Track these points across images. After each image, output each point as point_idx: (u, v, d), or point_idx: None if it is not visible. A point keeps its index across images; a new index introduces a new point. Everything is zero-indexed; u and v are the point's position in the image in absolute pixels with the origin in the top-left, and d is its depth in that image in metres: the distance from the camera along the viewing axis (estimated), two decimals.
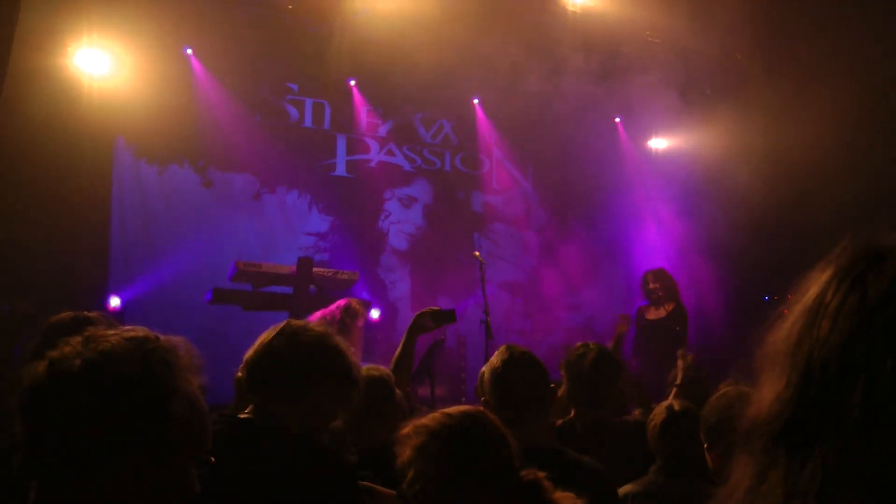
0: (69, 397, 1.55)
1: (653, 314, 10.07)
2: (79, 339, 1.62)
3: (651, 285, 10.14)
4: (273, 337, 2.94)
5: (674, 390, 5.63)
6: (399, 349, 5.31)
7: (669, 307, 10.02)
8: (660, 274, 10.23)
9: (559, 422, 4.54)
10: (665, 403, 4.21)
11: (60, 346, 1.62)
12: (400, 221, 13.40)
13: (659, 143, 14.00)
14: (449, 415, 2.59)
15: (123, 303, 10.54)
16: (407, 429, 2.58)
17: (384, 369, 4.27)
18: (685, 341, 9.55)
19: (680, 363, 5.83)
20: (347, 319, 7.28)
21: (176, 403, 1.63)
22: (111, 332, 1.67)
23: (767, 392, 1.11)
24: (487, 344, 7.19)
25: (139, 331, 1.71)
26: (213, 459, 1.77)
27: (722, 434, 3.56)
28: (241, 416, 2.84)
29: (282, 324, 3.00)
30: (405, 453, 2.53)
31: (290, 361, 2.86)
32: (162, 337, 1.72)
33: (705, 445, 3.69)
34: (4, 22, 7.14)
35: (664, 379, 8.74)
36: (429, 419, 2.59)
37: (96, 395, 1.55)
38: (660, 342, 9.40)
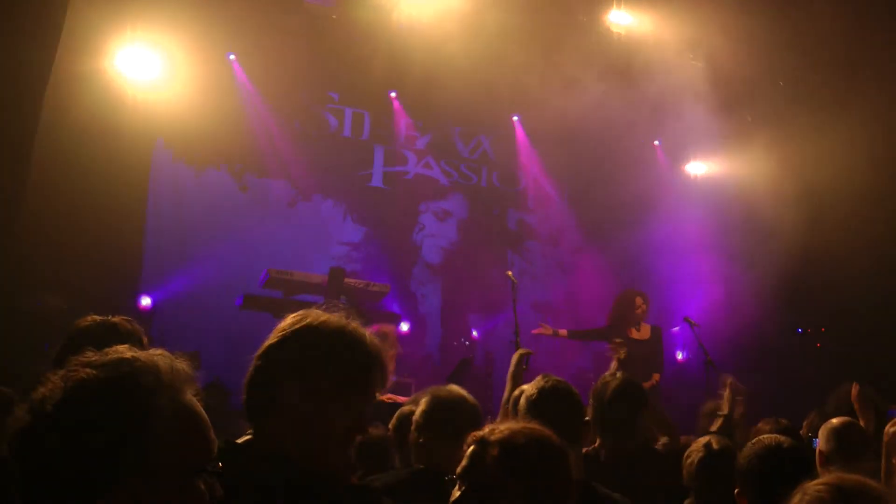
0: (47, 439, 1.57)
1: (636, 334, 10.00)
2: (61, 373, 1.63)
3: (640, 308, 10.09)
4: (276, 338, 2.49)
5: (720, 420, 5.54)
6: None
7: (649, 328, 9.97)
8: (646, 297, 10.20)
9: (585, 450, 4.49)
10: (703, 440, 4.13)
11: (42, 385, 1.63)
12: (434, 235, 13.38)
13: (697, 168, 13.89)
14: (512, 429, 2.55)
15: (154, 303, 10.60)
16: (469, 440, 2.56)
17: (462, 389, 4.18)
18: (662, 362, 9.64)
19: (726, 393, 5.72)
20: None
21: (160, 423, 1.61)
22: (92, 357, 1.66)
23: None
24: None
25: (119, 353, 1.68)
26: (220, 465, 1.75)
27: (754, 482, 3.49)
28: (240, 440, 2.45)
29: (291, 317, 2.53)
30: (462, 463, 2.52)
31: (296, 368, 2.40)
32: (141, 356, 1.68)
33: (736, 490, 3.60)
34: (51, 26, 7.20)
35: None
36: (490, 431, 2.55)
37: (71, 434, 1.56)
38: (640, 362, 9.30)
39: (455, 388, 4.11)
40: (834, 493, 2.14)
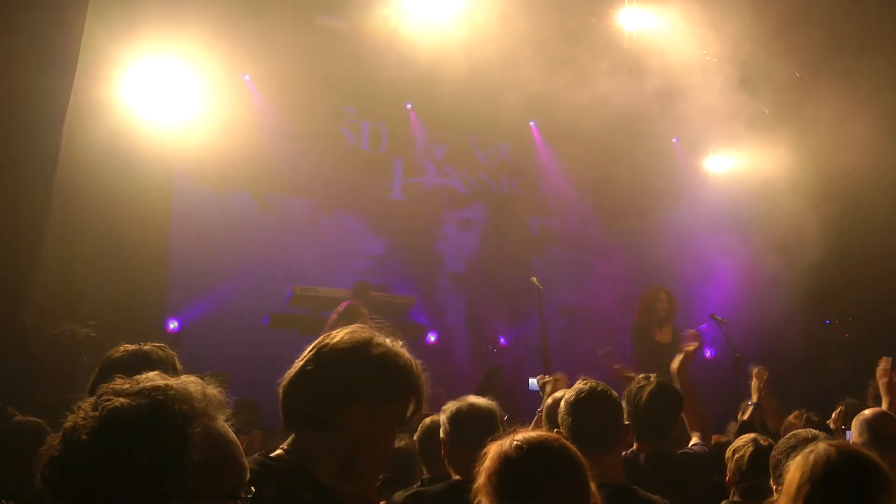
0: (82, 469, 1.56)
1: (660, 336, 9.91)
2: (91, 401, 1.63)
3: (662, 304, 10.01)
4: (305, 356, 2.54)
5: (749, 409, 5.54)
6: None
7: (673, 328, 9.89)
8: (670, 293, 10.11)
9: (624, 453, 4.48)
10: (749, 436, 4.13)
11: (74, 413, 1.62)
12: (457, 245, 13.36)
13: (716, 164, 13.81)
14: (529, 440, 2.54)
15: (181, 326, 10.62)
16: (486, 450, 2.56)
17: (486, 400, 4.24)
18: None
19: (754, 383, 5.72)
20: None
21: (193, 451, 1.60)
22: (124, 385, 1.65)
23: None
24: (545, 370, 7.08)
25: (151, 381, 1.67)
26: (251, 494, 1.74)
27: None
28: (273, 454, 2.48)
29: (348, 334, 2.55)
30: (481, 476, 2.51)
31: (319, 381, 2.43)
32: (174, 383, 1.67)
33: (774, 487, 3.60)
34: (67, 54, 7.24)
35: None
36: (507, 443, 2.55)
37: (106, 464, 1.55)
38: (664, 364, 9.17)
39: (473, 398, 4.16)
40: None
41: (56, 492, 1.57)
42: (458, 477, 3.89)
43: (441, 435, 4.10)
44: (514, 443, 2.53)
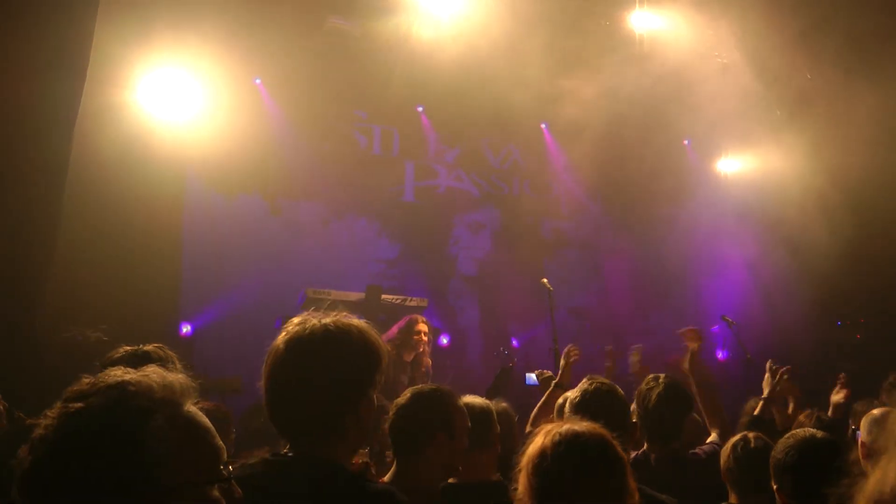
0: (48, 478, 1.57)
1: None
2: (56, 409, 1.64)
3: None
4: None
5: (760, 403, 5.51)
6: None
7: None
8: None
9: (633, 454, 4.46)
10: (739, 436, 4.11)
11: (42, 421, 1.63)
12: (469, 247, 13.35)
13: (728, 165, 13.77)
14: (568, 433, 2.53)
15: (194, 329, 10.64)
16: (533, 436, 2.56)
17: (481, 398, 4.24)
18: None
19: (767, 376, 5.69)
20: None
21: (156, 443, 1.61)
22: (84, 386, 1.67)
23: (892, 473, 1.05)
24: (556, 371, 7.06)
25: (112, 377, 1.69)
26: (231, 468, 1.77)
27: (789, 476, 3.54)
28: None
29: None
30: (522, 462, 2.52)
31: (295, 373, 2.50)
32: (133, 378, 1.68)
33: (774, 486, 3.59)
34: (77, 58, 7.26)
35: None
36: (548, 431, 2.55)
37: (70, 470, 1.56)
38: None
39: (469, 397, 4.11)
40: None
41: (27, 502, 1.58)
42: (452, 480, 3.87)
43: None
44: (553, 435, 2.52)
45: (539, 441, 2.53)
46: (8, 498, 1.63)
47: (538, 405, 5.48)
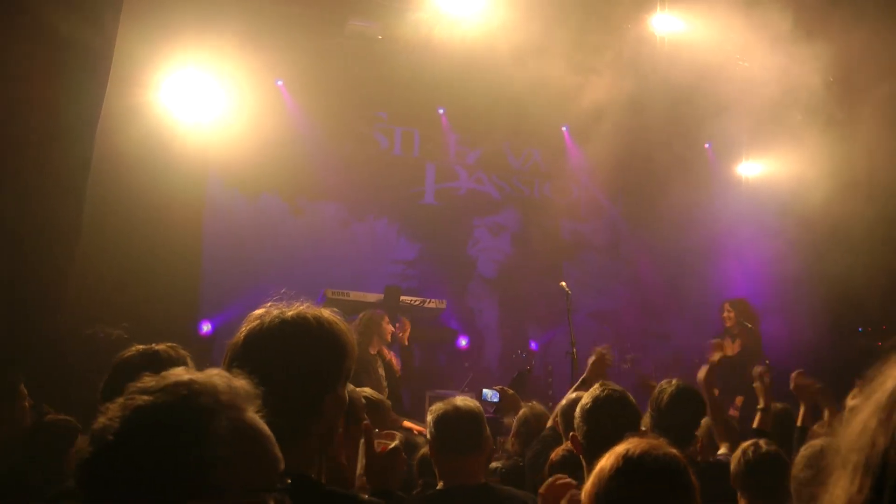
0: (109, 469, 1.56)
1: (729, 348, 9.82)
2: (119, 402, 1.62)
3: (724, 314, 9.94)
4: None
5: (759, 415, 5.48)
6: None
7: (744, 340, 9.79)
8: (735, 303, 10.00)
9: None
10: (749, 443, 4.09)
11: (101, 414, 1.61)
12: (488, 249, 13.36)
13: (749, 169, 13.71)
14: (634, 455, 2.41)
15: (214, 328, 10.69)
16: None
17: (473, 401, 4.09)
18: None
19: (757, 385, 5.66)
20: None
21: (219, 445, 1.59)
22: (150, 382, 1.64)
23: (839, 494, 1.03)
24: (574, 375, 7.07)
25: (176, 377, 1.66)
26: (287, 482, 1.73)
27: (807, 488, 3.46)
28: None
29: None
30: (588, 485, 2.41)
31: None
32: (198, 377, 1.66)
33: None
34: (101, 59, 7.31)
35: (743, 416, 8.45)
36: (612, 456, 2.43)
37: (132, 463, 1.55)
38: (735, 378, 9.04)
39: (460, 399, 4.03)
40: None
41: (88, 494, 1.58)
42: (441, 484, 3.83)
43: (427, 437, 4.04)
44: (618, 457, 2.39)
45: (604, 462, 2.41)
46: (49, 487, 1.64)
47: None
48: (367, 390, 4.42)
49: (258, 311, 2.46)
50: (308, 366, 2.33)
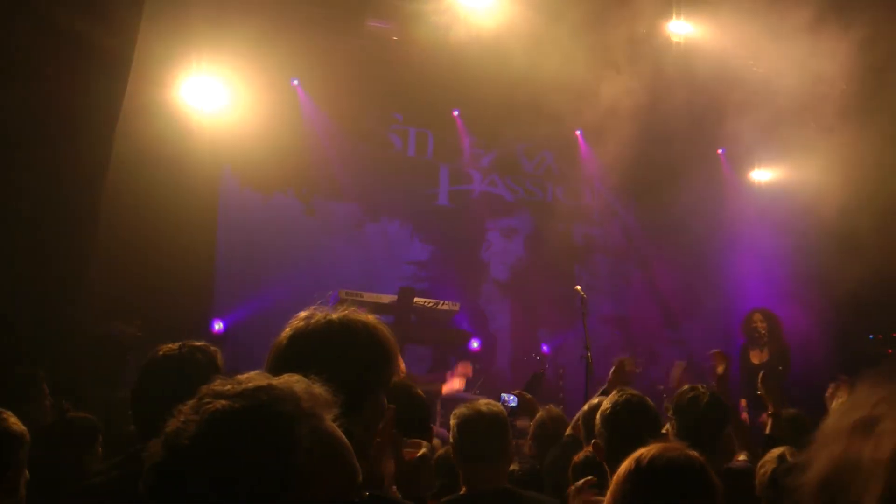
0: (184, 474, 1.51)
1: (757, 357, 9.77)
2: (192, 404, 1.57)
3: (756, 325, 9.87)
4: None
5: (769, 421, 5.45)
6: None
7: (772, 349, 9.75)
8: (766, 313, 9.96)
9: None
10: (777, 451, 4.05)
11: (175, 416, 1.57)
12: (501, 252, 13.36)
13: (762, 176, 13.67)
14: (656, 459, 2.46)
15: (226, 327, 10.69)
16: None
17: (496, 405, 4.07)
18: (783, 383, 9.25)
19: (761, 392, 5.65)
20: None
21: (300, 453, 1.54)
22: (225, 387, 1.59)
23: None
24: (588, 379, 7.06)
25: (253, 381, 1.61)
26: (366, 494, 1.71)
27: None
28: None
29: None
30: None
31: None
32: (277, 383, 1.61)
33: None
34: (122, 59, 7.34)
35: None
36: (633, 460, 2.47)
37: (210, 468, 1.50)
38: (751, 389, 9.00)
39: (484, 404, 3.99)
40: None
41: (157, 498, 1.53)
42: (464, 489, 3.82)
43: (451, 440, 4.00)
44: (631, 461, 2.45)
45: (626, 466, 2.47)
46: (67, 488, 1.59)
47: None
48: None
49: (303, 313, 2.48)
50: (352, 368, 2.30)
